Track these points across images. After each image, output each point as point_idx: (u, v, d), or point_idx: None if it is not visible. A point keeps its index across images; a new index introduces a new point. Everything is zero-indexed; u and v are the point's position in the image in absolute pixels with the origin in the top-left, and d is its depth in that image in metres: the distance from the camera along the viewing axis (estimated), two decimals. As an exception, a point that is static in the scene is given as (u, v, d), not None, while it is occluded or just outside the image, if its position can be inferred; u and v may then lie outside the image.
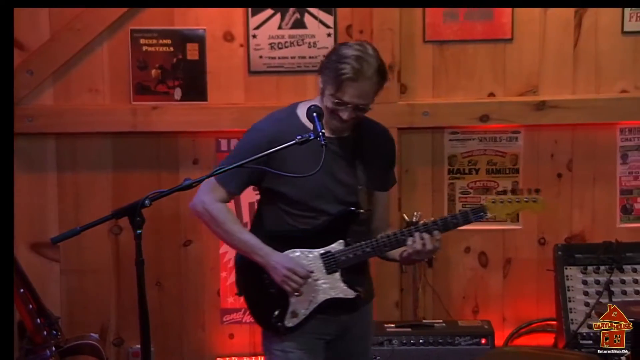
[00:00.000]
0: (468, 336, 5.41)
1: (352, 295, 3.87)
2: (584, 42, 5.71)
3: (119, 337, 5.90)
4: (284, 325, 3.86)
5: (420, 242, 3.77)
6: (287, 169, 3.73)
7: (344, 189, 3.85)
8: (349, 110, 3.73)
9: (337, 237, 3.85)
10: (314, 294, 3.85)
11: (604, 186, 5.82)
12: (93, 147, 5.80)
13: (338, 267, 3.85)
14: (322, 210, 3.84)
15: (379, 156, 3.97)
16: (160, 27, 5.71)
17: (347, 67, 3.70)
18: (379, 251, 3.85)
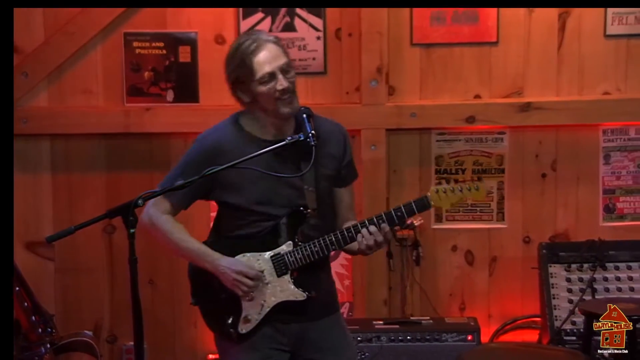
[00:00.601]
0: (455, 333, 5.41)
1: (302, 297, 3.75)
2: (568, 45, 5.72)
3: (112, 334, 5.90)
4: (237, 332, 3.78)
5: (370, 237, 3.68)
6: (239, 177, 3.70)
7: (292, 192, 3.76)
8: (281, 77, 3.66)
9: (286, 238, 3.76)
10: (265, 298, 3.76)
11: (587, 186, 5.83)
12: (87, 148, 5.80)
13: (287, 268, 3.75)
14: (270, 214, 3.75)
15: (329, 154, 3.82)
16: (152, 30, 5.70)
17: (244, 45, 3.69)
18: (327, 249, 3.74)
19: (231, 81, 3.77)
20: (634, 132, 5.79)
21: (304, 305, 3.78)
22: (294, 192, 3.76)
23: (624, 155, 5.81)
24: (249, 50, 3.67)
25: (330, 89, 5.72)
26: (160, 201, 3.81)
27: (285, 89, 3.67)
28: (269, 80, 3.66)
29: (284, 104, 3.69)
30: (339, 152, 3.89)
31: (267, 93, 3.67)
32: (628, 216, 5.85)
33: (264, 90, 3.67)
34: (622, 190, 5.84)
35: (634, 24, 5.68)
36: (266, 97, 3.69)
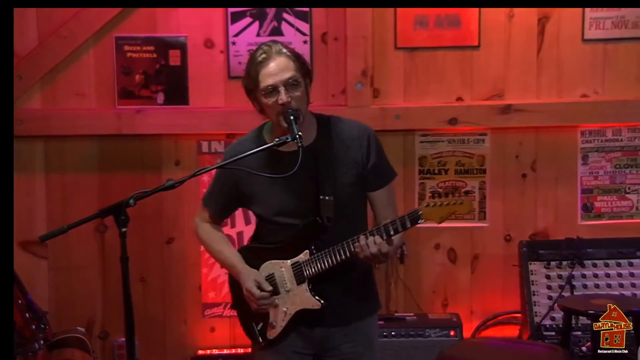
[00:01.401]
0: (438, 328, 5.43)
1: (317, 306, 3.73)
2: (547, 49, 5.74)
3: (104, 330, 5.89)
4: (265, 338, 3.83)
5: (367, 249, 3.61)
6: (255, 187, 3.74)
7: (305, 202, 3.71)
8: (282, 91, 3.60)
9: (304, 248, 3.73)
10: (287, 306, 3.78)
11: (566, 186, 5.85)
12: (80, 150, 5.79)
13: (305, 277, 3.74)
14: (287, 224, 3.74)
15: (350, 161, 3.75)
16: (143, 35, 5.70)
17: (255, 55, 3.66)
18: (336, 259, 3.67)
19: (244, 89, 3.75)
20: (611, 134, 5.82)
21: (324, 312, 3.76)
22: (309, 201, 3.71)
23: (601, 156, 5.83)
24: (257, 61, 3.64)
25: (317, 92, 5.64)
26: (202, 210, 3.99)
27: (285, 104, 3.59)
28: (271, 93, 3.62)
29: (285, 118, 3.61)
30: (361, 158, 3.78)
31: (269, 105, 3.64)
32: (605, 215, 5.87)
33: (266, 102, 3.65)
34: (599, 189, 5.86)
35: (610, 28, 5.71)
36: (269, 109, 3.66)
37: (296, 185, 3.70)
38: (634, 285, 5.56)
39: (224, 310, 5.83)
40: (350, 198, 3.78)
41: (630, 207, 5.86)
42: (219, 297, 5.83)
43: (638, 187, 5.85)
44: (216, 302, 5.84)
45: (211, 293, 5.84)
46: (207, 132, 5.72)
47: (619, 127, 5.82)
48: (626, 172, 5.85)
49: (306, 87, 3.71)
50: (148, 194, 3.51)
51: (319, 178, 3.70)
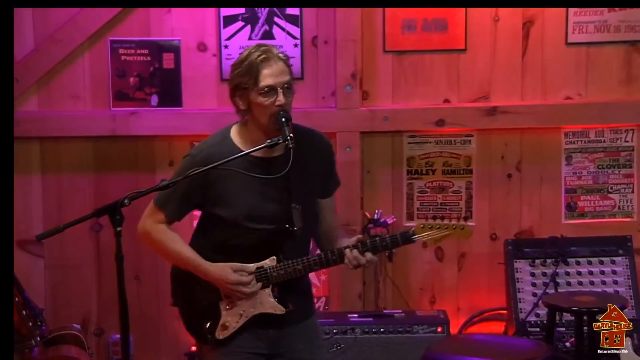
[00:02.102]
0: (425, 325, 5.43)
1: (281, 312, 3.70)
2: (531, 52, 5.76)
3: (99, 327, 5.88)
4: (214, 337, 3.72)
5: (354, 262, 3.64)
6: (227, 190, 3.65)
7: (278, 208, 3.67)
8: (281, 92, 3.59)
9: (271, 253, 3.69)
10: (245, 308, 3.70)
11: (550, 185, 5.86)
12: (75, 151, 5.78)
13: (269, 282, 3.69)
14: (255, 229, 3.67)
15: (314, 168, 3.76)
16: (137, 38, 5.70)
17: (254, 55, 3.61)
18: (309, 269, 3.69)
19: (233, 85, 3.67)
20: (594, 135, 5.84)
21: (276, 318, 3.73)
22: (281, 208, 3.68)
23: (584, 157, 5.85)
24: (258, 60, 3.59)
25: (307, 94, 5.72)
26: (155, 212, 3.77)
27: (282, 106, 3.58)
28: (269, 93, 3.58)
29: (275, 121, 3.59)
30: (324, 165, 3.83)
31: (263, 105, 3.59)
32: (588, 214, 5.89)
33: (261, 102, 3.59)
34: (582, 189, 5.88)
35: (593, 32, 5.73)
36: (262, 109, 3.60)
37: (269, 191, 3.67)
38: (616, 283, 5.58)
39: (217, 308, 5.84)
40: (313, 207, 3.78)
41: (613, 206, 5.88)
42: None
43: (620, 187, 5.87)
44: (209, 299, 5.84)
45: (204, 291, 5.84)
46: (200, 134, 5.71)
47: (601, 128, 5.84)
48: (608, 172, 5.87)
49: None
50: (142, 194, 3.51)
51: (291, 186, 3.67)
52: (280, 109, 3.59)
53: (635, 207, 5.86)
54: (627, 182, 5.87)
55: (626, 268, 5.59)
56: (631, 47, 5.77)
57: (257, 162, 3.66)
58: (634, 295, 5.52)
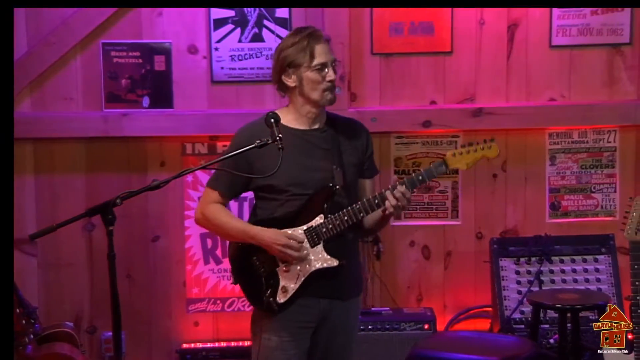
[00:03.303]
0: (412, 322, 5.45)
1: (335, 263, 3.79)
2: (516, 55, 5.77)
3: (92, 325, 5.87)
4: (275, 301, 3.83)
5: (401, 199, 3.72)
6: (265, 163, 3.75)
7: (322, 174, 3.83)
8: (331, 69, 3.81)
9: (318, 212, 3.81)
10: (301, 267, 3.82)
11: (534, 185, 5.88)
12: (68, 151, 5.77)
13: (320, 239, 3.80)
14: (303, 194, 3.83)
15: (352, 144, 3.96)
16: (129, 41, 5.69)
17: (309, 32, 3.85)
18: (355, 216, 3.77)
19: (286, 63, 3.83)
20: (577, 136, 5.85)
21: (336, 280, 3.84)
22: (323, 174, 3.83)
23: (568, 157, 5.87)
24: (314, 37, 3.82)
25: (296, 96, 5.72)
26: (208, 194, 3.96)
27: (333, 80, 3.81)
28: (321, 69, 3.79)
29: (328, 94, 3.82)
30: (361, 145, 4.00)
31: (315, 80, 3.80)
32: (572, 213, 5.90)
33: (313, 77, 3.80)
34: (566, 189, 5.89)
35: (576, 35, 5.74)
36: (313, 84, 3.80)
37: (313, 160, 3.85)
38: (599, 280, 5.59)
39: (208, 306, 5.84)
40: (352, 176, 3.94)
41: (595, 205, 5.90)
42: (202, 292, 5.83)
43: (603, 187, 5.89)
44: (200, 297, 5.84)
45: (195, 289, 5.85)
46: (190, 135, 5.73)
47: (584, 129, 5.85)
48: (591, 172, 5.89)
49: None
50: (134, 194, 3.51)
51: (332, 154, 3.86)
52: (331, 84, 3.82)
53: (618, 206, 5.88)
54: (609, 182, 5.89)
55: (609, 266, 5.61)
56: (613, 49, 5.79)
57: (299, 134, 3.86)
58: (616, 293, 5.53)
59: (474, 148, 3.85)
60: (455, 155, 3.82)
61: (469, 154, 3.84)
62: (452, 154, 3.83)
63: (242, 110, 5.67)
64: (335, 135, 3.91)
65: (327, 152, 3.87)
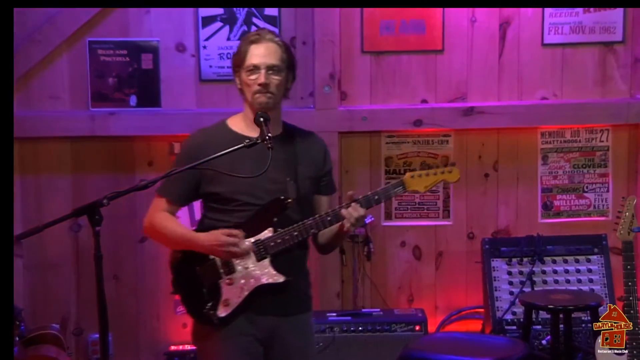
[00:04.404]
0: (403, 323, 5.45)
1: (281, 279, 3.73)
2: (508, 53, 5.78)
3: (78, 327, 5.86)
4: (216, 315, 3.76)
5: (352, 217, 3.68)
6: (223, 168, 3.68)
7: (275, 185, 3.76)
8: (263, 72, 3.71)
9: (267, 225, 3.75)
10: (246, 282, 3.74)
11: (526, 185, 5.89)
12: (54, 151, 5.76)
13: (267, 253, 3.73)
14: (252, 203, 3.76)
15: (309, 157, 3.89)
16: (116, 39, 5.68)
17: (249, 35, 3.83)
18: (306, 233, 3.73)
19: (232, 65, 3.86)
20: (570, 135, 5.87)
21: (280, 297, 3.78)
22: (276, 185, 3.76)
23: (560, 156, 5.88)
24: (249, 40, 3.78)
25: (286, 94, 5.72)
26: (157, 202, 3.90)
27: (263, 84, 3.71)
28: (252, 71, 3.74)
29: (259, 96, 3.72)
30: (319, 159, 3.92)
31: (248, 83, 3.75)
32: (564, 213, 5.92)
33: (246, 80, 3.76)
34: (558, 188, 5.91)
35: (568, 33, 5.76)
36: (247, 87, 3.76)
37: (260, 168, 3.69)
38: (591, 281, 5.61)
39: (196, 307, 5.83)
40: (307, 190, 3.86)
41: (588, 205, 5.91)
42: (191, 294, 5.82)
43: (595, 186, 5.90)
44: (188, 299, 5.83)
45: (183, 290, 5.83)
46: (178, 134, 5.71)
47: (577, 128, 5.87)
48: (584, 172, 5.90)
49: (287, 78, 3.82)
50: (121, 194, 3.50)
51: (285, 165, 3.78)
52: (262, 88, 3.71)
53: (610, 206, 5.90)
54: (602, 182, 5.90)
55: (601, 266, 5.62)
56: (605, 48, 5.81)
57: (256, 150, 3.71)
58: (609, 294, 5.55)
59: (434, 171, 3.80)
60: (414, 177, 3.77)
61: (429, 176, 3.78)
62: (410, 176, 3.77)
63: (231, 109, 5.58)
64: (291, 145, 3.83)
65: (280, 162, 3.75)
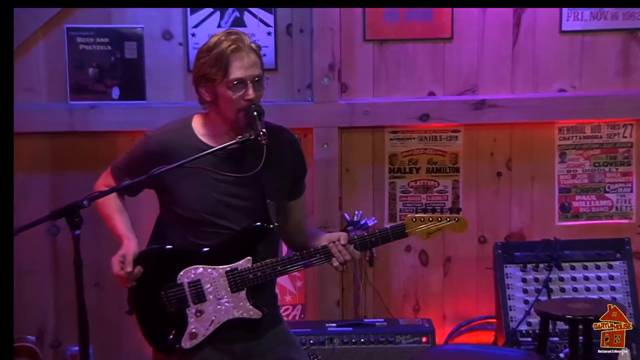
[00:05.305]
0: (409, 334, 5.43)
1: (258, 316, 3.66)
2: (523, 41, 5.77)
3: (56, 339, 5.85)
4: (181, 347, 3.66)
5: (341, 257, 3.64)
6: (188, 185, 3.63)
7: (247, 203, 3.66)
8: (250, 87, 3.57)
9: (245, 253, 3.65)
10: (216, 314, 3.66)
11: (542, 184, 5.89)
12: (30, 148, 5.74)
13: (244, 285, 3.64)
14: (224, 226, 3.65)
15: (285, 165, 3.76)
16: (97, 25, 5.67)
17: (224, 44, 3.57)
18: (290, 269, 3.67)
19: (199, 75, 3.64)
20: (590, 130, 5.86)
21: (251, 325, 3.70)
22: (249, 203, 3.66)
23: (579, 154, 5.88)
24: (228, 51, 3.56)
25: (281, 87, 5.71)
26: (107, 177, 3.87)
27: (252, 100, 3.57)
28: (237, 86, 3.57)
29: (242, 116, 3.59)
30: (293, 163, 3.82)
31: (231, 99, 3.58)
32: (584, 215, 5.92)
33: (229, 95, 3.57)
34: (577, 188, 5.90)
35: (589, 19, 5.75)
36: (229, 103, 3.59)
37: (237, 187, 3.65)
38: (613, 289, 5.60)
39: (184, 317, 5.83)
40: (281, 204, 3.77)
41: (610, 207, 5.91)
42: (178, 303, 5.82)
43: (618, 186, 5.90)
44: (175, 308, 5.83)
45: (170, 299, 5.83)
46: (165, 129, 5.71)
47: (597, 123, 5.86)
48: (605, 170, 5.90)
49: None
50: (103, 194, 3.50)
51: (263, 182, 3.65)
52: (250, 103, 3.58)
53: (634, 207, 5.90)
54: (625, 181, 5.90)
55: (624, 273, 5.62)
56: (629, 35, 5.80)
57: (224, 157, 3.63)
58: (633, 302, 5.54)
59: (439, 217, 3.69)
60: (416, 220, 3.68)
61: (432, 222, 3.69)
62: (412, 219, 3.69)
63: (221, 103, 5.66)
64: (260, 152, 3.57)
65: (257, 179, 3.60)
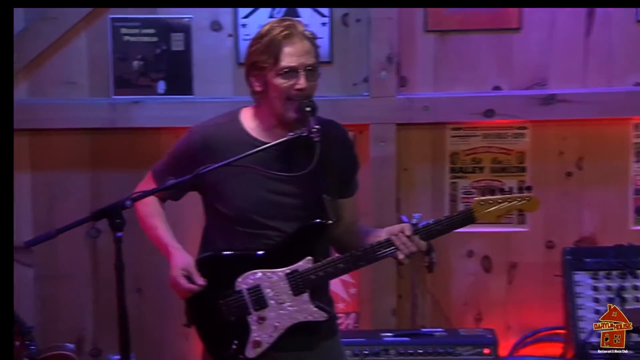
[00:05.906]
0: (470, 346, 5.42)
1: (323, 318, 3.67)
2: (596, 32, 5.72)
3: (96, 347, 5.90)
4: (245, 357, 3.68)
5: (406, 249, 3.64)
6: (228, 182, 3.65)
7: (298, 201, 3.67)
8: (302, 75, 3.57)
9: (304, 253, 3.66)
10: (279, 319, 3.66)
11: (616, 186, 5.84)
12: (69, 144, 5.81)
13: (307, 287, 3.65)
14: (272, 227, 3.66)
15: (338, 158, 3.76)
16: (142, 16, 5.70)
17: (276, 30, 3.59)
18: (354, 266, 3.67)
19: (249, 63, 3.66)
20: (668, 127, 5.82)
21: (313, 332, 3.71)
22: (298, 200, 3.68)
23: (657, 152, 5.83)
24: (280, 37, 3.57)
25: (336, 80, 5.71)
26: (148, 182, 3.86)
27: (303, 89, 3.57)
28: (288, 74, 3.57)
29: (292, 108, 3.59)
30: (346, 159, 3.83)
31: (281, 88, 3.58)
32: (661, 218, 5.87)
33: (279, 84, 3.58)
34: (654, 190, 5.86)
35: (667, 9, 5.70)
36: (278, 92, 3.59)
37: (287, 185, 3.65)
38: (691, 298, 5.56)
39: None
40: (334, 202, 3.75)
41: (690, 209, 5.86)
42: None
43: (698, 188, 5.85)
44: (222, 315, 5.84)
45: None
46: (212, 126, 5.72)
47: (678, 119, 5.81)
48: (686, 170, 5.84)
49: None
50: (147, 194, 3.50)
51: (316, 178, 3.64)
52: (300, 93, 3.58)
53: None
54: None
55: None
56: None
57: (274, 154, 3.63)
58: None
59: (509, 197, 3.71)
60: (484, 203, 3.69)
61: (502, 204, 3.70)
62: (479, 202, 3.69)
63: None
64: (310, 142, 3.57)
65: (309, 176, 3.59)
